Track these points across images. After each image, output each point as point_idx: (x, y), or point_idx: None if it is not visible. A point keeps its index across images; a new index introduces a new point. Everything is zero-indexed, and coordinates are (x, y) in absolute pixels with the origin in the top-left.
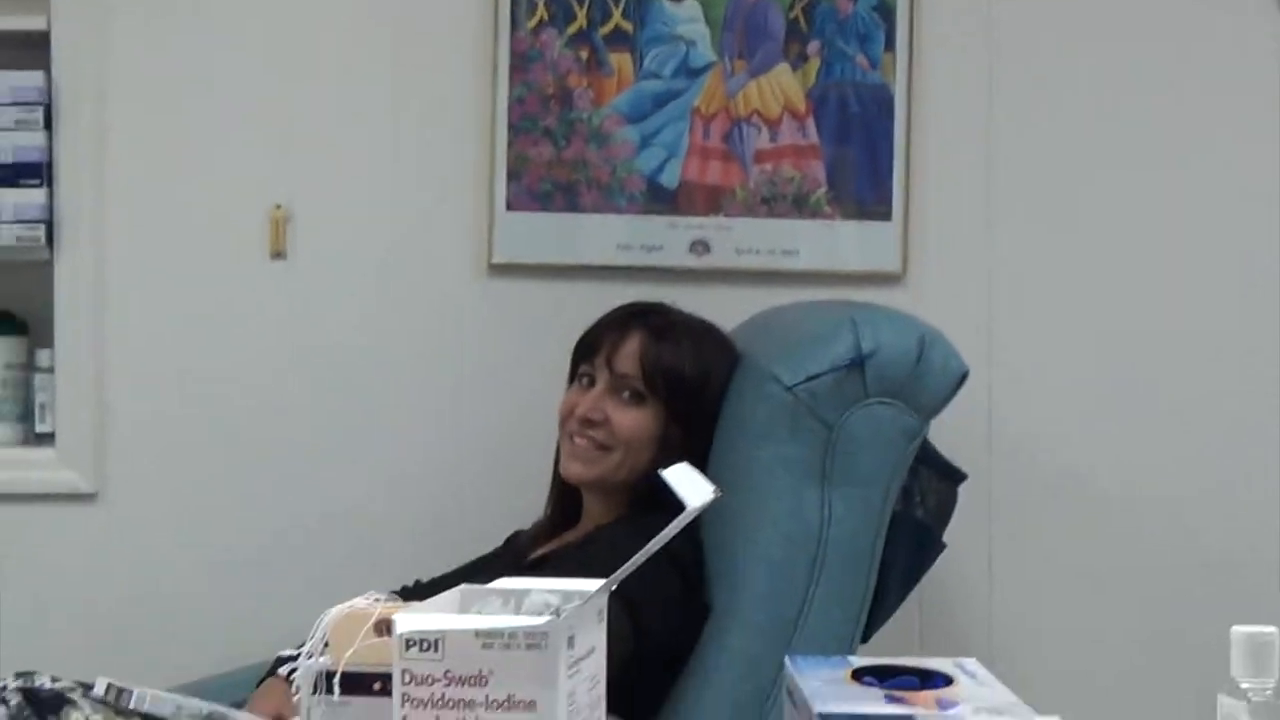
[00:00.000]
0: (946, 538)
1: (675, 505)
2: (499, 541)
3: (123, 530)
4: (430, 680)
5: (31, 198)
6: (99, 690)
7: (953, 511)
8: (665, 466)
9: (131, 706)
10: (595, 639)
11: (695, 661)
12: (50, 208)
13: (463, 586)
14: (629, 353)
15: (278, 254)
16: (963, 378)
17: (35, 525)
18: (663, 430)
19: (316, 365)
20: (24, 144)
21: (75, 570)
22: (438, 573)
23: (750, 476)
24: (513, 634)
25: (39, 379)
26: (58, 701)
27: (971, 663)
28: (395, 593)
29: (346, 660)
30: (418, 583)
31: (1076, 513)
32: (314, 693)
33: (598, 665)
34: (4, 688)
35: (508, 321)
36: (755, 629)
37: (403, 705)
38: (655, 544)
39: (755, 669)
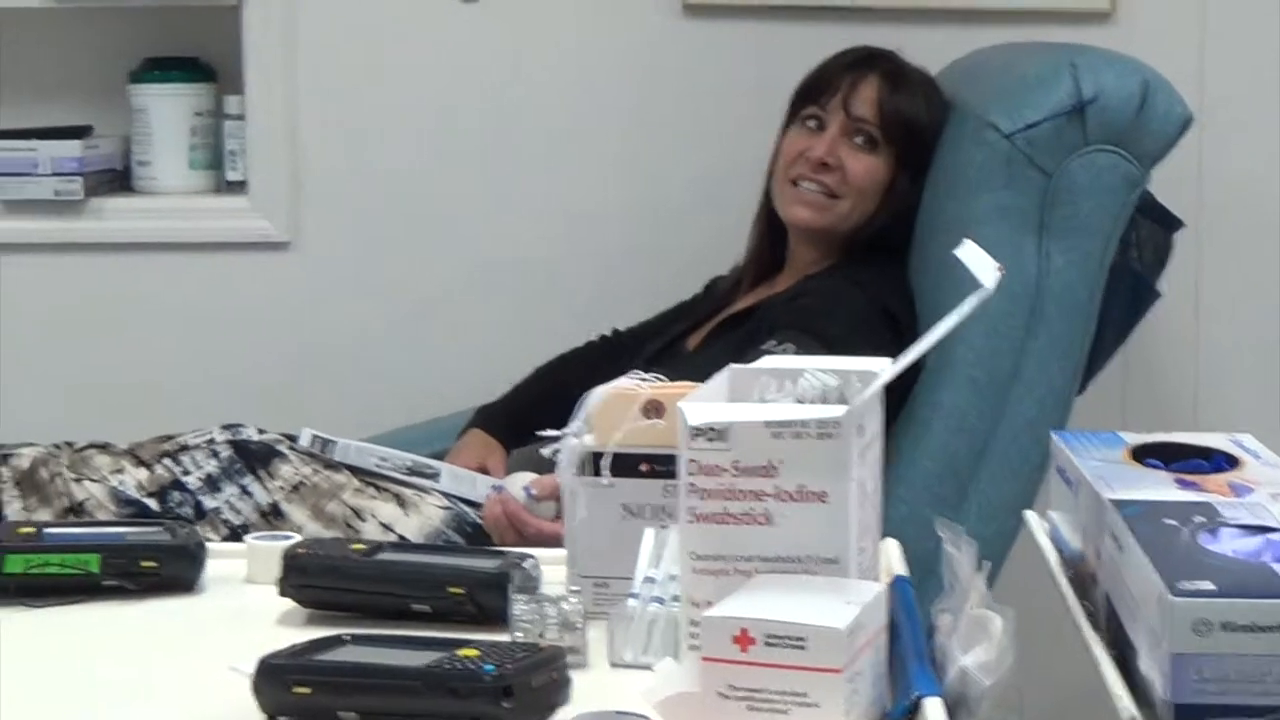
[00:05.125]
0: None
1: (888, 257)
2: (693, 288)
3: (316, 278)
4: (718, 470)
5: None
6: (304, 442)
7: (1168, 260)
8: (890, 216)
9: (336, 458)
10: (878, 423)
11: (906, 415)
12: None
13: (731, 367)
14: (866, 97)
15: None
16: (1186, 124)
17: (228, 273)
18: (891, 179)
19: (508, 107)
20: None
21: (269, 319)
22: (632, 320)
23: (964, 227)
24: (804, 424)
25: (229, 126)
26: (267, 453)
27: (1249, 439)
28: (594, 341)
29: (614, 442)
30: (616, 332)
31: None
32: (579, 473)
33: (879, 449)
34: (212, 440)
35: (702, 63)
36: (969, 383)
37: (689, 495)
38: (943, 328)
39: (969, 423)
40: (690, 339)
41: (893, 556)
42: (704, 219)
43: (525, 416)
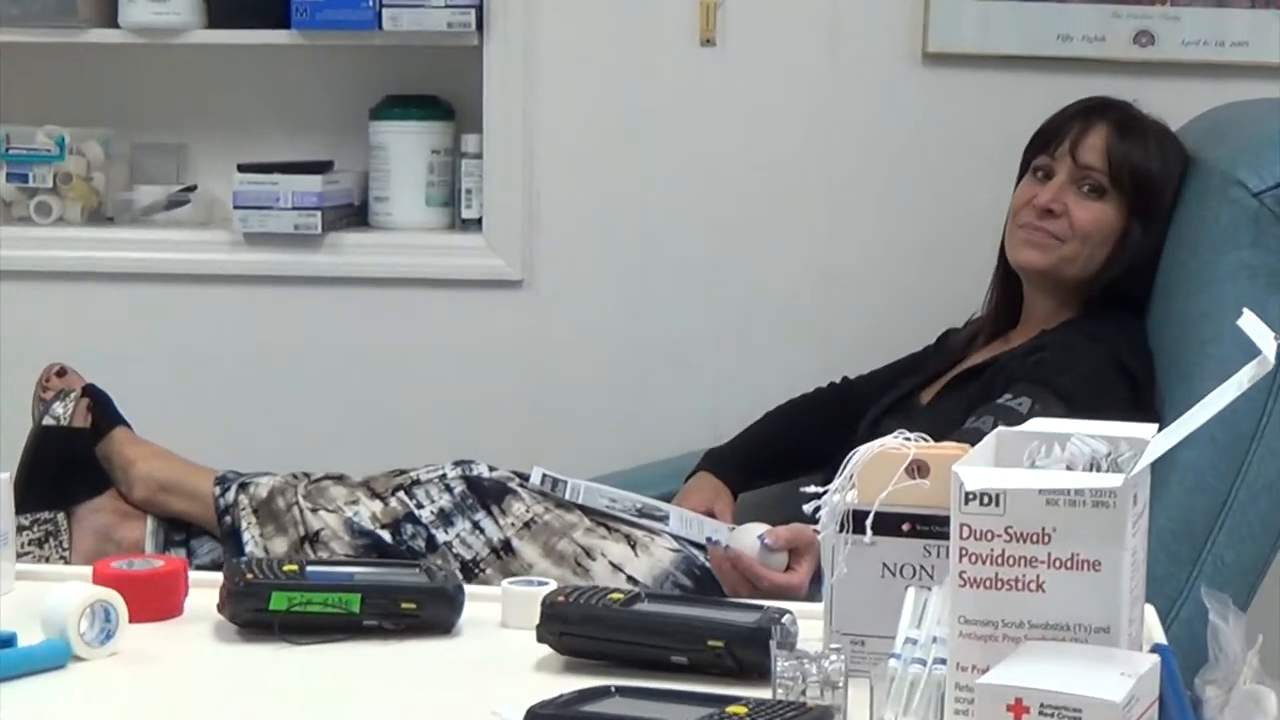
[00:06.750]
0: None
1: (1127, 312)
2: (925, 339)
3: (548, 317)
4: (990, 536)
5: None
6: (535, 480)
7: None
8: (1120, 265)
9: (566, 498)
10: (1147, 493)
11: None
12: None
13: (999, 430)
14: (1093, 145)
15: (708, 41)
16: None
17: (461, 310)
18: (1121, 227)
19: (744, 151)
20: None
21: (500, 356)
22: (862, 368)
23: (1207, 284)
24: (1079, 492)
25: (465, 164)
26: (499, 490)
27: None
28: (823, 389)
29: (878, 500)
30: (846, 379)
31: None
32: (840, 530)
33: (1148, 517)
34: (444, 475)
35: (942, 113)
36: (1209, 442)
37: (960, 559)
38: (1220, 400)
39: (1207, 483)
40: (924, 393)
41: (1151, 623)
42: (938, 270)
43: (754, 461)
